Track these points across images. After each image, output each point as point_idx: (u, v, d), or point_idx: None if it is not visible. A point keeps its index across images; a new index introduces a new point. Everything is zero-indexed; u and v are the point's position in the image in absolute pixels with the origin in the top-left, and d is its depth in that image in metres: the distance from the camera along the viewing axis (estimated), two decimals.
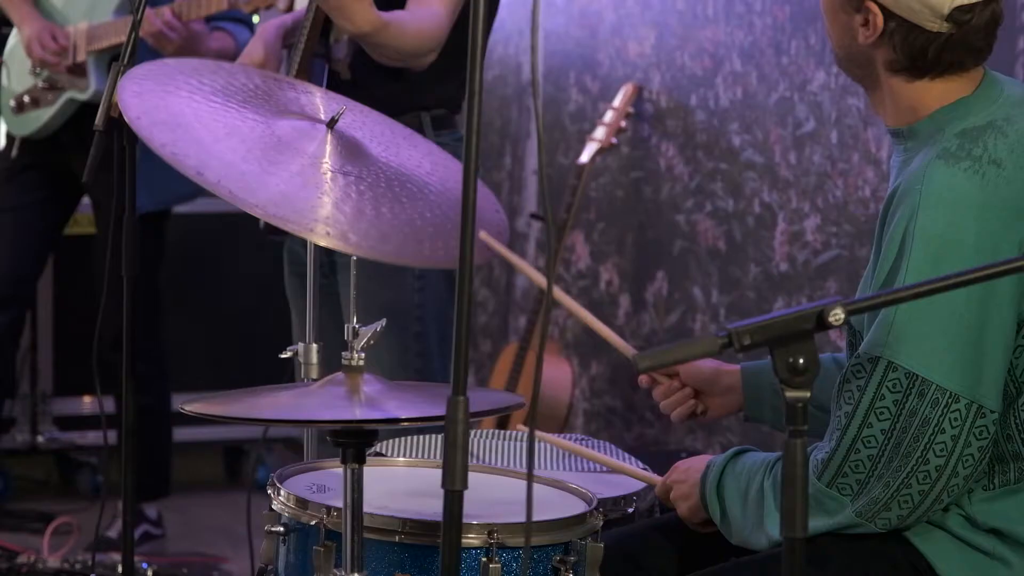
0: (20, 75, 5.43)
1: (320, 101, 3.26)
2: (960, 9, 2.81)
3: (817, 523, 2.79)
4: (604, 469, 3.45)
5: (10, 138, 5.48)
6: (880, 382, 2.77)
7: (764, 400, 3.24)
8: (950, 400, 2.74)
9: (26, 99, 5.37)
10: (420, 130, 3.97)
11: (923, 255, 2.75)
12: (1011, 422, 2.81)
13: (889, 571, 2.88)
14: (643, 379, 3.24)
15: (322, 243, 2.97)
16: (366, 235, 2.98)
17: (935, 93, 2.89)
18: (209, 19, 5.18)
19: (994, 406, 2.76)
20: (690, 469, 3.05)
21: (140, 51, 3.53)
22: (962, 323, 2.73)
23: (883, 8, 2.83)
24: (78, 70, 5.21)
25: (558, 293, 3.29)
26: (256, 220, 3.08)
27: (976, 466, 2.77)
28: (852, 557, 2.87)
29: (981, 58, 2.88)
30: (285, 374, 3.80)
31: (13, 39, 5.44)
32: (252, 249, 4.50)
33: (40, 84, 5.33)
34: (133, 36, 3.77)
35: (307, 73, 3.95)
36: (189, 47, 4.91)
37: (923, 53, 2.85)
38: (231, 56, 4.89)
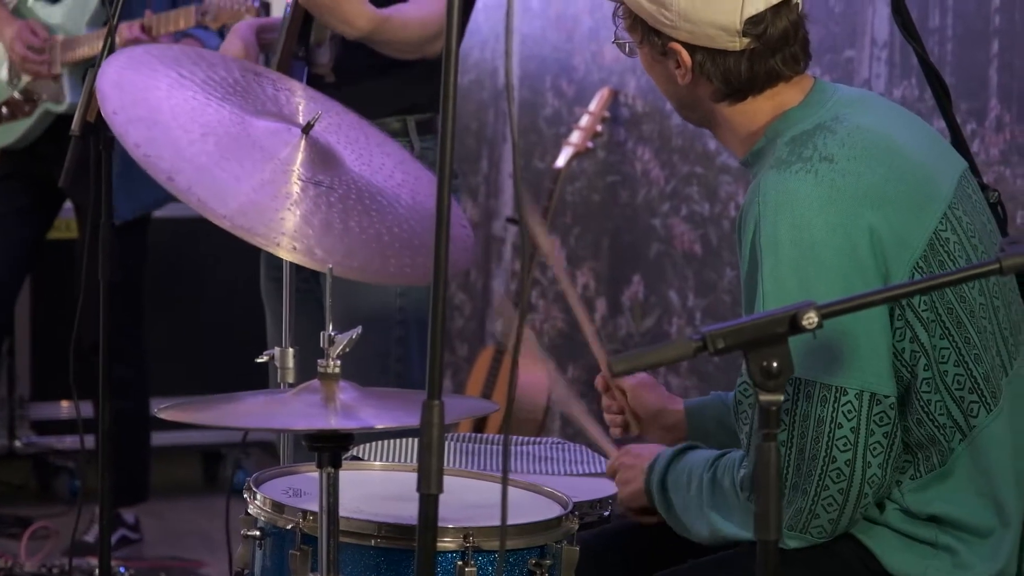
0: (6, 76, 5.43)
1: (300, 100, 3.24)
2: (750, 21, 2.84)
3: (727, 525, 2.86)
4: (585, 471, 3.45)
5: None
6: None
7: (709, 433, 3.24)
8: (838, 395, 2.76)
9: (3, 110, 5.38)
10: (405, 133, 3.97)
11: (775, 261, 2.78)
12: (917, 406, 2.81)
13: (841, 568, 2.89)
14: (599, 382, 3.27)
15: (288, 258, 2.98)
16: (332, 250, 2.97)
17: (765, 110, 2.93)
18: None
19: (887, 390, 2.77)
20: (640, 456, 3.08)
21: None
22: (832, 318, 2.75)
23: (685, 45, 2.87)
24: (55, 80, 5.22)
25: (564, 281, 3.31)
26: None
27: (887, 453, 2.78)
28: (805, 555, 2.88)
29: (798, 63, 2.91)
30: (270, 377, 3.81)
31: None
32: (231, 253, 4.49)
33: (16, 96, 5.34)
34: (109, 41, 3.77)
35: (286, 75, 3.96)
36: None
37: (736, 73, 2.88)
38: None
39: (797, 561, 2.86)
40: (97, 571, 4.06)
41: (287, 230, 2.95)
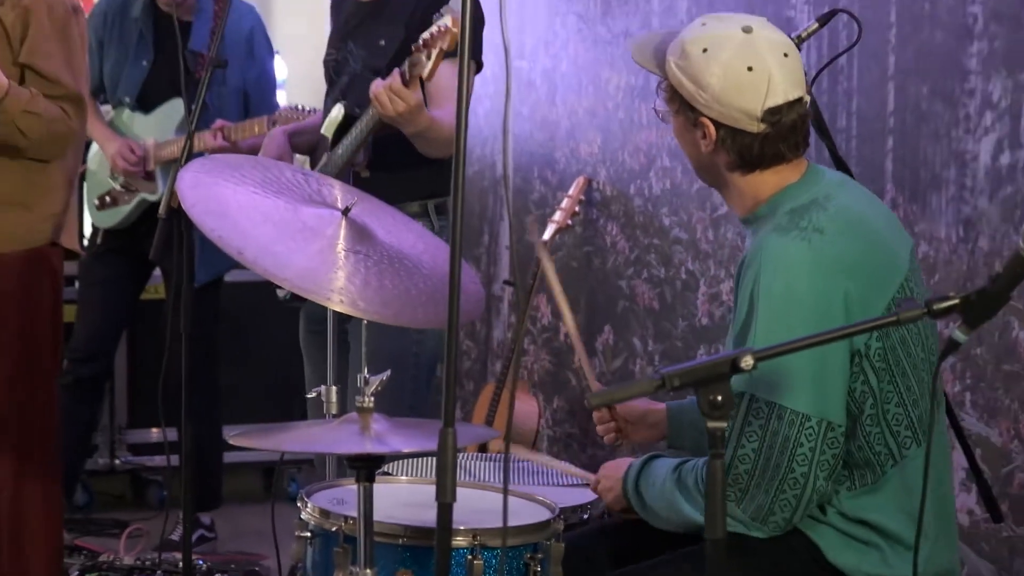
0: (101, 180, 5.45)
1: (338, 192, 3.25)
2: (769, 111, 2.82)
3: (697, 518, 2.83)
4: (567, 482, 3.44)
5: (95, 229, 5.50)
6: (747, 412, 2.78)
7: (684, 433, 3.25)
8: (803, 420, 2.75)
9: (107, 199, 5.39)
10: (426, 214, 3.96)
11: (768, 310, 2.77)
12: (860, 435, 2.82)
13: (792, 559, 2.87)
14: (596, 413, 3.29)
15: (337, 308, 2.97)
16: (371, 301, 2.97)
17: (769, 183, 2.91)
18: None
19: (840, 421, 2.77)
20: (616, 468, 3.07)
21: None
22: (804, 360, 2.73)
23: (714, 122, 2.85)
24: (149, 177, 5.23)
25: (565, 312, 3.30)
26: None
27: (832, 470, 2.78)
28: (762, 547, 2.85)
29: (799, 150, 2.90)
30: (309, 409, 3.79)
31: (93, 150, 5.45)
32: (281, 312, 4.50)
33: (118, 188, 5.37)
34: (188, 145, 3.78)
35: (343, 178, 3.97)
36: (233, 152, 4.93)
37: (750, 150, 2.86)
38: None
39: (759, 552, 2.85)
40: (181, 564, 4.03)
41: (335, 287, 2.95)
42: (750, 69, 2.81)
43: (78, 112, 4.17)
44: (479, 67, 4.05)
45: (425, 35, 3.60)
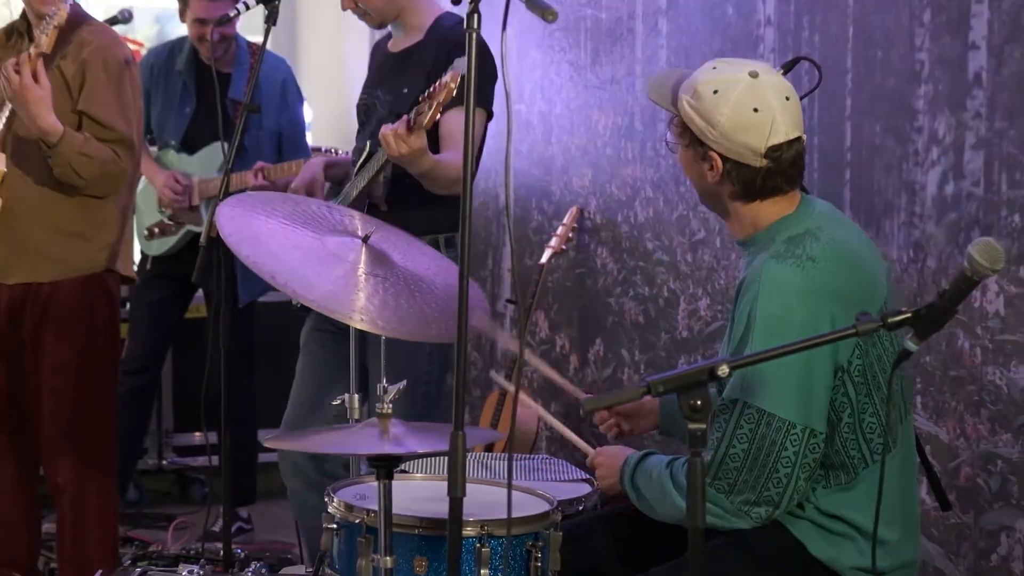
0: (149, 211, 5.47)
1: (358, 222, 3.25)
2: (772, 148, 2.83)
3: (711, 508, 2.79)
4: (564, 478, 3.43)
5: (144, 256, 5.52)
6: (739, 417, 2.78)
7: (675, 421, 3.24)
8: (789, 427, 2.75)
9: (155, 230, 5.41)
10: (436, 246, 3.96)
11: (764, 329, 2.77)
12: (836, 441, 2.82)
13: (775, 551, 2.87)
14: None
15: (359, 327, 2.97)
16: (389, 320, 2.98)
17: (767, 212, 2.91)
18: None
19: (822, 429, 2.77)
20: (613, 457, 3.06)
21: None
22: (793, 372, 2.74)
23: (721, 156, 2.86)
24: (193, 209, 5.26)
25: (531, 357, 3.30)
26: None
27: (812, 472, 2.79)
28: (752, 543, 2.85)
29: (794, 183, 2.91)
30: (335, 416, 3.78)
31: (140, 186, 5.47)
32: None
33: (166, 220, 5.39)
34: (226, 181, 3.79)
35: (357, 207, 3.97)
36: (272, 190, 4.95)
37: (752, 183, 2.87)
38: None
39: (744, 546, 2.84)
40: (221, 552, 4.03)
41: (356, 307, 2.96)
42: (756, 110, 2.82)
43: (128, 154, 4.18)
44: (489, 115, 4.04)
45: (430, 88, 3.61)
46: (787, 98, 2.84)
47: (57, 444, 4.26)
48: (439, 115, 3.61)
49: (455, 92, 3.54)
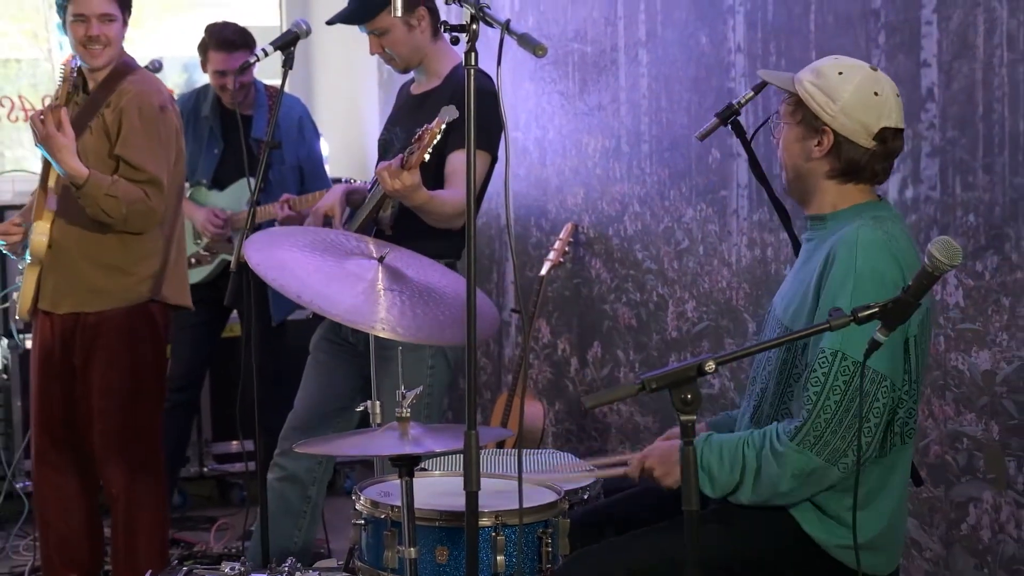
0: (186, 244, 5.46)
1: (372, 246, 3.26)
2: (883, 131, 2.82)
3: (796, 467, 2.73)
4: (570, 471, 3.42)
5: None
6: (836, 370, 2.71)
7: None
8: (882, 379, 2.71)
9: (192, 260, 5.41)
10: None
11: (869, 279, 2.73)
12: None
13: (773, 532, 2.84)
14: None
15: (381, 335, 3.00)
16: (408, 328, 3.02)
17: (853, 195, 2.88)
18: None
19: (900, 387, 2.75)
20: (666, 453, 2.93)
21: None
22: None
23: (835, 132, 2.83)
24: (228, 240, 5.27)
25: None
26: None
27: (888, 427, 2.76)
28: (749, 522, 2.83)
29: (885, 176, 2.90)
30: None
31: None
32: None
33: (202, 251, 5.40)
34: (252, 212, 3.79)
35: (365, 230, 3.97)
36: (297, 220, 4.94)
37: (856, 162, 2.84)
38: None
39: (741, 523, 2.81)
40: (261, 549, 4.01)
41: (378, 318, 2.99)
42: (876, 94, 2.82)
43: (158, 193, 4.17)
44: (493, 159, 4.01)
45: (419, 130, 3.60)
46: (898, 95, 2.86)
47: (109, 459, 4.27)
48: (427, 155, 3.59)
49: (439, 136, 3.54)
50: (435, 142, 3.54)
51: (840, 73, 2.83)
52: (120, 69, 4.22)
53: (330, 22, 4.06)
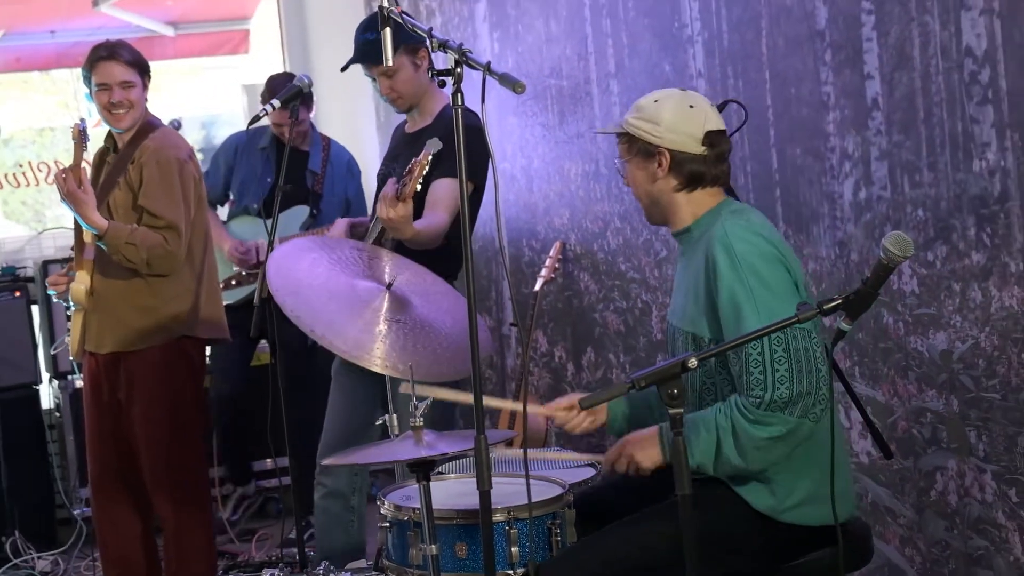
0: (226, 268, 5.45)
1: (386, 262, 3.26)
2: (708, 134, 2.84)
3: (771, 428, 2.70)
4: (571, 465, 3.41)
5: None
6: (769, 344, 2.70)
7: (653, 407, 3.13)
8: (808, 332, 2.72)
9: (232, 281, 5.40)
10: None
11: (753, 266, 2.72)
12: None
13: (729, 507, 2.82)
14: (542, 412, 3.08)
15: (379, 371, 3.01)
16: (406, 363, 2.98)
17: (705, 200, 2.89)
18: None
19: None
20: (644, 438, 2.87)
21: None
22: (781, 287, 2.75)
23: (668, 150, 2.84)
24: (260, 266, 5.24)
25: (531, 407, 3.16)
26: None
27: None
28: (702, 504, 2.80)
29: (726, 179, 2.90)
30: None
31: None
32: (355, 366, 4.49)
33: (243, 273, 5.44)
34: (271, 248, 3.78)
35: None
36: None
37: (697, 171, 2.85)
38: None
39: (701, 508, 2.79)
40: (297, 556, 4.01)
41: (379, 356, 2.99)
42: (691, 107, 2.85)
43: (176, 238, 4.19)
44: (477, 187, 3.96)
45: (410, 163, 3.59)
46: (712, 104, 2.90)
47: (158, 489, 4.28)
48: (419, 186, 3.57)
49: (427, 167, 3.53)
50: (424, 173, 3.53)
51: (656, 100, 2.87)
52: (144, 128, 4.25)
53: (345, 67, 4.04)
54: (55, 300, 4.48)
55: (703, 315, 2.81)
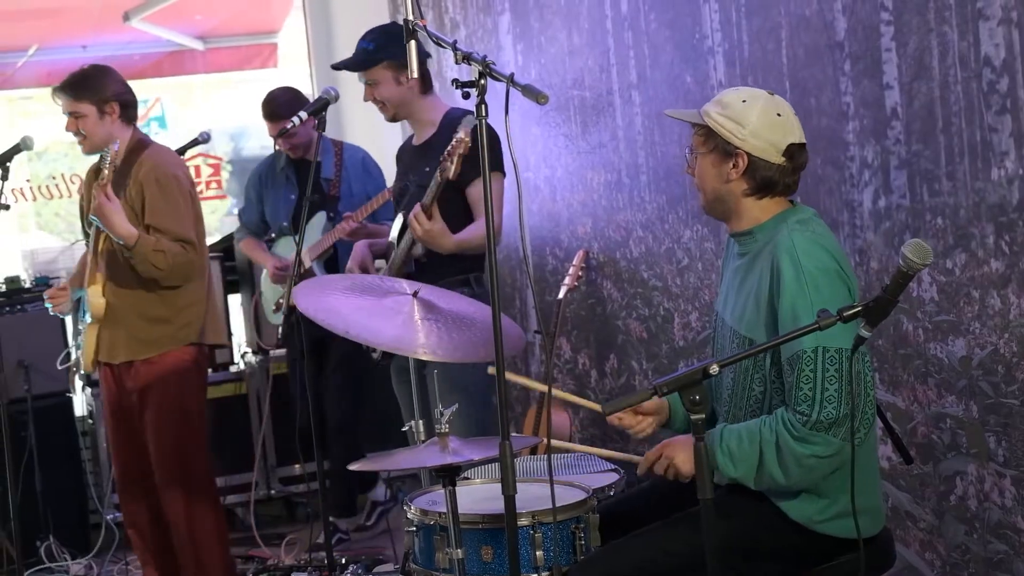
0: (274, 290, 5.48)
1: (406, 286, 3.29)
2: (790, 147, 2.81)
3: (816, 449, 2.68)
4: (596, 469, 3.41)
5: (274, 326, 5.54)
6: (823, 363, 2.68)
7: (678, 413, 3.13)
8: (863, 356, 2.71)
9: (281, 301, 5.43)
10: (468, 284, 4.01)
11: (816, 279, 2.71)
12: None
13: (761, 517, 2.82)
14: (612, 420, 3.04)
15: (423, 358, 3.05)
16: (446, 349, 3.07)
17: (770, 207, 2.86)
18: None
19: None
20: (684, 445, 2.83)
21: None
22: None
23: (747, 153, 2.81)
24: (308, 273, 5.20)
25: (555, 390, 3.20)
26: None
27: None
28: (739, 513, 2.80)
29: (795, 189, 2.88)
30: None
31: (263, 275, 5.55)
32: (382, 372, 4.50)
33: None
34: (296, 263, 3.82)
35: (405, 265, 4.00)
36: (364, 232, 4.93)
37: (770, 178, 2.82)
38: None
39: (737, 517, 2.79)
40: (326, 559, 4.02)
41: (419, 344, 3.05)
42: (779, 115, 2.81)
43: (192, 248, 4.28)
44: (503, 174, 4.09)
45: (448, 147, 3.65)
46: (795, 114, 2.86)
47: (166, 485, 4.37)
48: (458, 172, 3.61)
49: (470, 144, 3.58)
50: (467, 151, 3.56)
51: (744, 101, 2.81)
52: (136, 147, 4.35)
53: (334, 66, 4.17)
54: (51, 314, 4.56)
55: (763, 324, 2.78)
